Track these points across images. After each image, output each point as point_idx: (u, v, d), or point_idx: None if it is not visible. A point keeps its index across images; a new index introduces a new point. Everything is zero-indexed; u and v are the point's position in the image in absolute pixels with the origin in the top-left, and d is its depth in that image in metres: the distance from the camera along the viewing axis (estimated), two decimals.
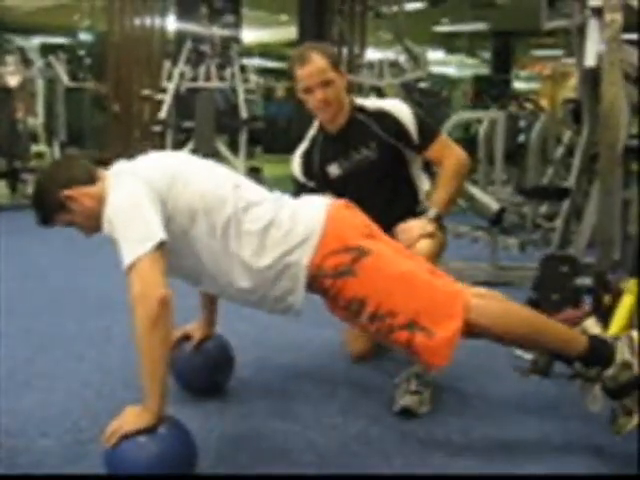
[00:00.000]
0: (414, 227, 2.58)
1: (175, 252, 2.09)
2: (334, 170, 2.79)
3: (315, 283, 2.14)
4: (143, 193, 2.01)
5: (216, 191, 2.14)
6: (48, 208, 2.17)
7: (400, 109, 2.73)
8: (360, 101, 2.81)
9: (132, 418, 1.85)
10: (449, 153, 2.73)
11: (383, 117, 2.72)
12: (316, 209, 2.21)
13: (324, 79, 2.62)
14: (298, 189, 2.85)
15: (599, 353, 2.08)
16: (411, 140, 2.71)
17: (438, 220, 2.62)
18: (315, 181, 2.84)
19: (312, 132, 2.90)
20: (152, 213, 1.98)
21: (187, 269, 2.20)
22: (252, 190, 2.26)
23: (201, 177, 2.18)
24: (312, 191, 2.76)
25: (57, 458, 2.12)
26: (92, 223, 2.14)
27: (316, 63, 2.60)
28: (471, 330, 2.04)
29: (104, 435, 1.85)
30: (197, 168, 2.24)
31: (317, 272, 2.11)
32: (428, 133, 2.73)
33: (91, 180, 2.15)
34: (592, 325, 2.23)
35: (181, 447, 1.90)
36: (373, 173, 2.74)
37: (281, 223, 2.14)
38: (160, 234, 1.93)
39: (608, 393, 2.08)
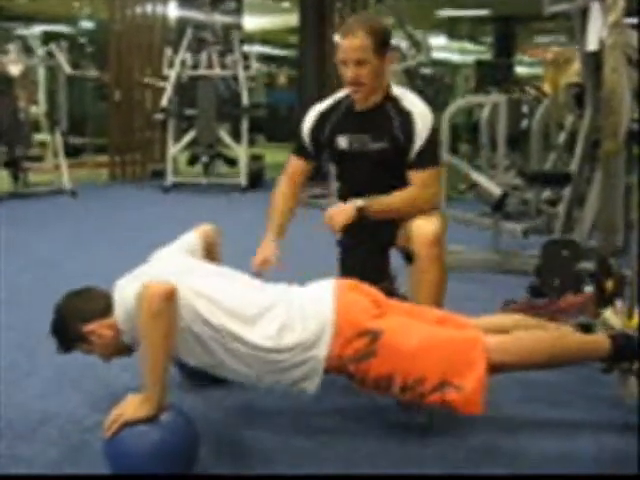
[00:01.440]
0: (339, 215, 2.57)
1: (191, 352, 2.12)
2: (342, 142, 2.71)
3: (341, 371, 2.16)
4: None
5: (225, 299, 2.14)
6: (69, 340, 2.24)
7: (424, 121, 2.61)
8: (399, 92, 2.69)
9: (133, 407, 1.86)
10: (425, 188, 2.62)
11: (408, 118, 2.61)
12: (324, 300, 2.21)
13: (359, 58, 2.52)
14: (297, 148, 2.82)
15: (625, 350, 2.13)
16: (409, 151, 2.62)
17: (361, 212, 2.55)
18: (320, 144, 2.76)
19: (340, 95, 2.78)
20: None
21: (206, 366, 2.21)
22: (260, 293, 2.25)
23: (209, 285, 2.18)
24: (309, 156, 2.77)
25: (58, 447, 2.12)
26: (111, 350, 2.24)
27: (357, 39, 2.50)
28: (495, 369, 2.09)
29: (104, 424, 1.86)
30: (202, 272, 2.27)
31: (339, 361, 2.13)
32: (427, 159, 2.63)
33: (107, 310, 2.19)
34: (611, 316, 2.24)
35: (183, 435, 1.90)
36: (376, 163, 2.67)
37: (293, 323, 2.14)
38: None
39: None
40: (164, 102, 8.27)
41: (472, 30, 19.03)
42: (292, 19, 11.44)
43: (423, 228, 2.50)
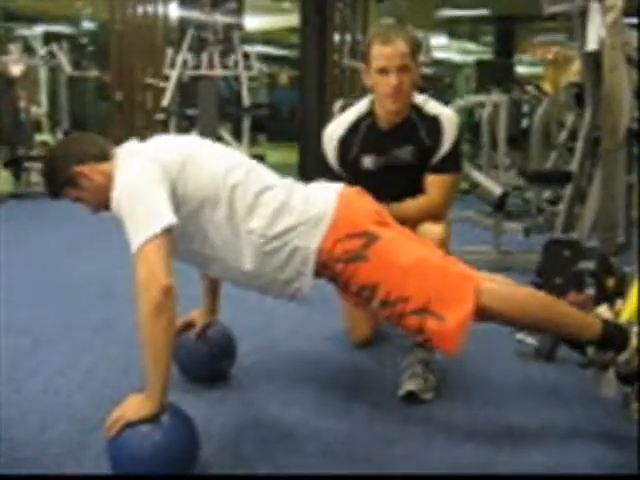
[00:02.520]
0: None
1: (184, 235, 2.09)
2: (368, 163, 2.68)
3: (326, 269, 2.14)
4: (153, 174, 2.01)
5: (227, 175, 2.13)
6: (58, 182, 2.17)
7: (452, 124, 2.62)
8: (420, 99, 2.67)
9: (134, 407, 1.84)
10: (438, 194, 2.63)
11: (435, 122, 2.61)
12: (328, 194, 2.21)
13: (404, 64, 2.51)
14: (326, 172, 2.74)
15: (613, 338, 2.07)
16: (433, 155, 2.62)
17: None
18: (344, 167, 2.73)
19: (354, 115, 2.72)
20: (161, 195, 1.97)
21: (196, 252, 2.20)
22: (264, 174, 2.25)
23: (212, 161, 2.17)
24: (338, 178, 2.68)
25: (60, 448, 2.12)
26: (100, 200, 2.14)
27: (399, 45, 2.50)
28: (483, 314, 2.03)
29: (106, 424, 1.86)
30: (208, 151, 2.23)
31: (328, 257, 2.11)
32: (450, 165, 2.64)
33: (103, 157, 2.15)
34: (605, 311, 2.23)
35: (184, 435, 1.90)
36: (403, 174, 2.66)
37: (292, 207, 2.14)
38: (169, 217, 1.92)
39: (621, 378, 2.07)
40: (165, 102, 8.28)
41: (472, 30, 19.01)
42: (293, 19, 11.45)
43: (430, 230, 2.53)
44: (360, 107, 2.71)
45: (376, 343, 3.02)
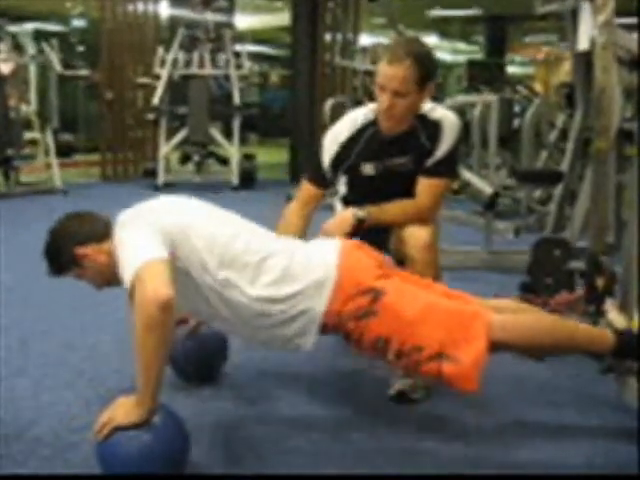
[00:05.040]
0: (337, 229, 2.53)
1: (187, 299, 2.09)
2: (368, 170, 2.65)
3: (339, 329, 2.15)
4: (150, 230, 2.01)
5: (228, 244, 2.12)
6: (61, 264, 2.20)
7: (452, 129, 2.59)
8: (428, 107, 2.61)
9: (123, 412, 1.83)
10: (426, 198, 2.60)
11: (434, 126, 2.58)
12: (328, 255, 2.20)
13: (400, 90, 2.43)
14: (314, 176, 2.71)
15: (629, 346, 2.08)
16: (429, 156, 2.59)
17: (361, 223, 2.53)
18: (340, 172, 2.70)
19: (360, 120, 2.66)
20: (155, 239, 1.97)
21: (199, 312, 2.23)
22: (264, 240, 2.23)
23: (213, 228, 2.15)
24: (325, 185, 2.70)
25: (49, 447, 2.11)
26: (104, 278, 2.18)
27: (402, 70, 2.40)
28: (496, 348, 2.05)
29: (95, 427, 1.84)
30: (208, 219, 2.22)
31: (338, 318, 2.11)
32: (444, 169, 2.61)
33: (105, 236, 2.15)
34: (616, 317, 2.23)
35: (173, 435, 1.89)
36: (404, 179, 2.63)
37: (295, 272, 2.13)
38: (162, 252, 1.92)
39: None
40: (156, 101, 8.25)
41: (464, 30, 19.05)
42: (284, 18, 11.44)
43: (418, 233, 2.50)
44: (368, 111, 2.65)
45: None
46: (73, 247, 2.14)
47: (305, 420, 2.32)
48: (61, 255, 2.18)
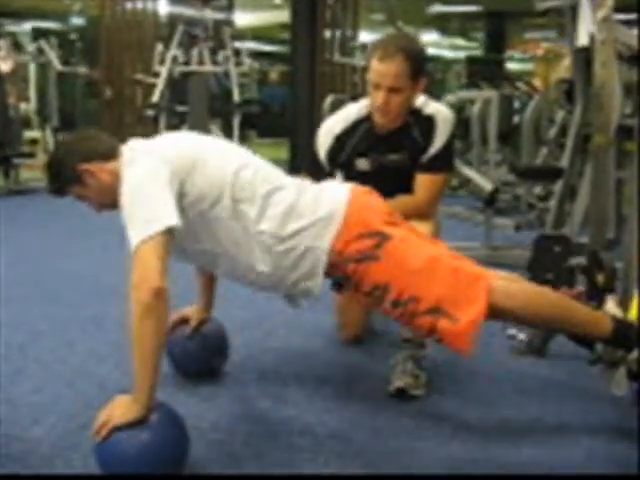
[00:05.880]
0: None
1: (193, 235, 2.08)
2: (362, 165, 2.66)
3: (338, 269, 2.12)
4: (161, 175, 1.99)
5: (237, 174, 2.11)
6: (64, 180, 2.15)
7: (446, 124, 2.59)
8: (421, 101, 2.62)
9: (121, 410, 1.81)
10: (424, 194, 2.61)
11: (427, 121, 2.59)
12: (338, 194, 2.18)
13: (394, 86, 2.44)
14: (314, 167, 2.74)
15: (624, 335, 2.07)
16: (424, 152, 2.60)
17: None
18: (336, 166, 2.72)
19: (355, 115, 2.66)
20: (166, 197, 1.94)
21: (205, 253, 2.18)
22: (273, 173, 2.23)
23: (221, 160, 2.15)
24: (323, 174, 2.69)
25: (49, 446, 2.11)
26: (106, 199, 2.14)
27: (395, 66, 2.42)
28: (494, 312, 2.02)
29: (93, 426, 1.83)
30: (217, 150, 2.21)
31: (339, 257, 2.09)
32: (440, 165, 2.61)
33: (111, 155, 2.13)
34: (613, 308, 2.23)
35: (172, 434, 1.88)
36: (398, 174, 2.64)
37: (303, 207, 2.11)
38: (169, 218, 1.89)
39: (632, 376, 2.08)
40: (155, 98, 8.25)
41: (463, 26, 19.04)
42: (284, 15, 11.43)
43: (419, 229, 2.50)
44: (361, 107, 2.66)
45: (367, 340, 3.02)
46: (76, 163, 2.11)
47: (304, 417, 2.31)
48: (63, 170, 2.14)
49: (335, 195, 2.18)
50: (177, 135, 2.34)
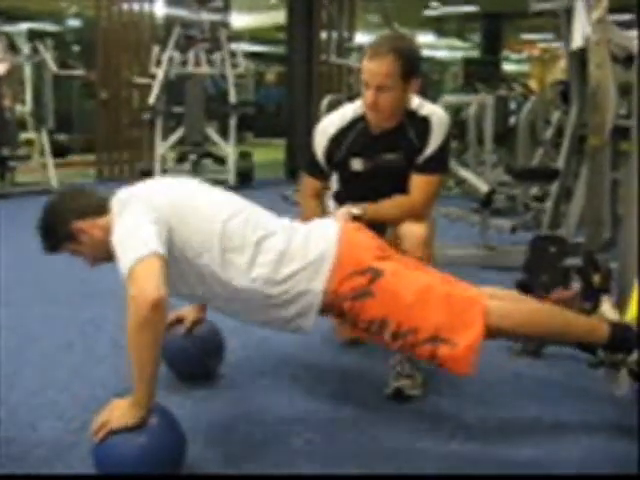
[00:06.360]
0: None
1: (184, 281, 2.11)
2: (357, 165, 2.66)
3: (333, 307, 2.15)
4: (149, 214, 2.01)
5: (226, 224, 2.12)
6: (57, 238, 2.19)
7: (441, 125, 2.58)
8: (417, 103, 2.61)
9: (119, 413, 1.82)
10: (420, 195, 2.60)
11: (425, 123, 2.58)
12: (328, 233, 2.20)
13: (382, 84, 2.43)
14: (312, 169, 2.74)
15: (622, 339, 2.10)
16: (420, 154, 2.59)
17: (357, 219, 2.49)
18: (332, 165, 2.71)
19: (351, 114, 2.66)
20: (152, 229, 1.96)
21: (197, 297, 2.24)
22: (263, 219, 2.24)
23: (211, 208, 2.17)
24: (324, 176, 2.72)
25: (46, 448, 2.11)
26: (99, 253, 2.18)
27: (384, 64, 2.42)
28: (492, 333, 2.06)
29: (91, 429, 1.84)
30: (207, 198, 2.23)
31: (335, 296, 2.12)
32: (435, 166, 2.61)
33: (102, 211, 2.16)
34: (609, 310, 2.24)
35: (169, 436, 1.88)
36: (393, 175, 2.64)
37: (294, 252, 2.13)
38: (158, 247, 1.90)
39: (634, 377, 2.10)
40: (152, 100, 8.24)
41: (459, 27, 19.05)
42: (280, 16, 11.43)
43: (414, 229, 2.51)
44: (357, 107, 2.66)
45: (364, 342, 3.01)
46: (71, 221, 2.14)
47: (302, 420, 2.32)
48: (56, 229, 2.17)
49: (325, 235, 2.20)
50: (167, 181, 2.36)
